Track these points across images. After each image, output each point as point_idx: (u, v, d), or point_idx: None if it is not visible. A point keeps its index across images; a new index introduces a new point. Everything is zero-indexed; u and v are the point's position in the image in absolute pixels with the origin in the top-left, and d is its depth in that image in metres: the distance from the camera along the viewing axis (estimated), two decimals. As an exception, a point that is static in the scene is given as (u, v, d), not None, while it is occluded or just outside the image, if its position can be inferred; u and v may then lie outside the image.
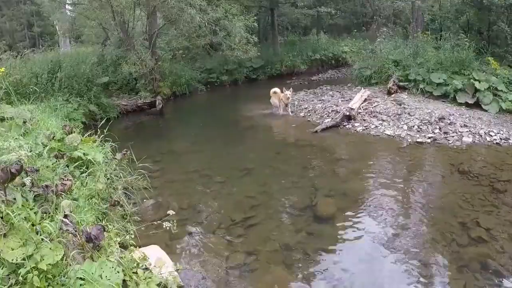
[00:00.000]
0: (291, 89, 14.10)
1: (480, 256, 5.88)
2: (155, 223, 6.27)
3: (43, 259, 3.72)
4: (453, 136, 10.88)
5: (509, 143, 10.36)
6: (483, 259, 5.80)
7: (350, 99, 13.87)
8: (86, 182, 6.27)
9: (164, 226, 5.37)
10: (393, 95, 14.24)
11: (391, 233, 6.59)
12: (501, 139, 10.56)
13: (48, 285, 3.72)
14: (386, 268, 5.79)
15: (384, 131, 11.67)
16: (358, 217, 7.13)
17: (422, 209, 7.36)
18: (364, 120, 12.67)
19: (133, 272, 4.70)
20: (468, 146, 10.39)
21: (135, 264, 4.83)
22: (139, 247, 5.50)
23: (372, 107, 13.31)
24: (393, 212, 7.26)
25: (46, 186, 4.98)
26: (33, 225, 4.07)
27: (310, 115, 14.12)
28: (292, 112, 14.43)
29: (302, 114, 14.31)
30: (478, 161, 9.46)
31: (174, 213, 5.59)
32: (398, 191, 8.02)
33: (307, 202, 7.67)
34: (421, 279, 5.48)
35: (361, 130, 12.05)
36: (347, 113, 12.66)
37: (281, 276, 5.65)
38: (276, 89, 14.42)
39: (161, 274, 4.88)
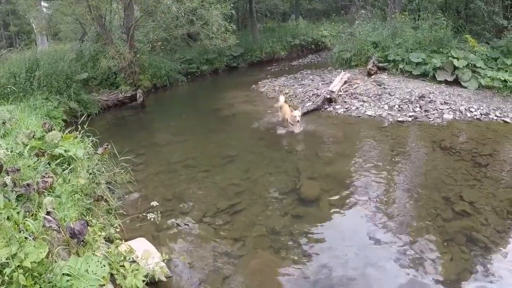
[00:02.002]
0: (299, 108, 11.21)
1: (465, 229, 5.99)
2: (140, 216, 6.29)
3: (27, 257, 3.68)
4: (433, 114, 11.01)
5: (489, 118, 10.51)
6: (468, 232, 5.91)
7: (331, 82, 13.88)
8: (69, 179, 6.20)
9: (148, 218, 5.37)
10: (373, 76, 14.30)
11: (376, 212, 6.67)
12: (481, 114, 10.71)
13: (35, 284, 3.70)
14: (373, 246, 5.85)
15: (365, 111, 11.76)
16: (343, 197, 7.17)
17: (406, 186, 7.45)
18: (345, 102, 12.73)
19: (120, 266, 4.70)
20: (449, 122, 10.53)
21: (122, 258, 4.83)
22: (126, 240, 5.49)
23: (353, 89, 13.37)
24: (377, 191, 7.33)
25: (28, 184, 4.93)
26: (16, 224, 4.03)
27: (291, 99, 14.13)
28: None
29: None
30: (459, 137, 9.60)
31: (157, 204, 5.56)
32: (381, 170, 8.08)
33: (291, 186, 7.69)
34: (409, 256, 5.55)
35: (342, 112, 12.11)
36: (328, 96, 12.71)
37: (269, 260, 5.68)
38: (281, 100, 11.63)
39: (148, 265, 4.88)
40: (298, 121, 10.41)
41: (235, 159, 9.32)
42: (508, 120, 10.29)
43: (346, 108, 12.26)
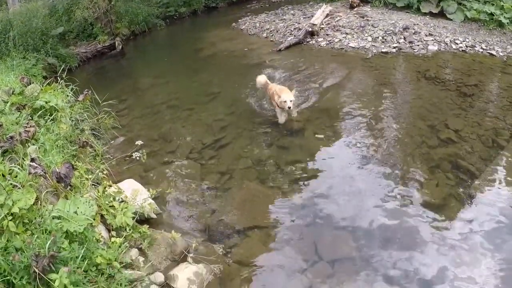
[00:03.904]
0: (294, 90, 7.54)
1: (450, 156, 6.06)
2: (127, 158, 6.30)
3: (15, 204, 3.66)
4: (418, 45, 10.89)
5: (475, 50, 10.38)
6: (453, 159, 5.99)
7: (312, 16, 13.60)
8: (52, 129, 6.13)
9: (134, 157, 5.37)
10: (355, 9, 14.04)
11: (362, 140, 6.72)
12: (467, 46, 10.58)
13: (26, 230, 3.70)
14: (359, 174, 5.93)
15: (348, 44, 11.59)
16: (328, 127, 7.21)
17: (391, 115, 7.48)
18: (327, 35, 12.50)
19: (109, 206, 4.71)
20: (434, 54, 10.41)
21: (111, 199, 4.83)
22: (115, 183, 5.47)
23: (335, 22, 13.12)
24: (362, 120, 7.34)
25: (11, 137, 4.87)
26: (3, 176, 3.99)
27: (272, 35, 13.82)
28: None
29: (264, 35, 14.01)
30: (444, 68, 9.53)
31: (142, 143, 5.56)
32: (365, 99, 8.10)
33: (276, 118, 7.61)
34: (395, 182, 5.65)
35: (325, 45, 11.94)
36: (310, 29, 12.50)
37: (256, 191, 5.77)
38: (261, 80, 8.43)
39: (137, 203, 4.90)
40: (289, 107, 7.07)
41: (218, 96, 9.26)
42: (493, 52, 10.19)
43: (328, 41, 12.08)
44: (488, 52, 10.22)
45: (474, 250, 4.48)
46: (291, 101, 6.95)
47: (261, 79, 8.29)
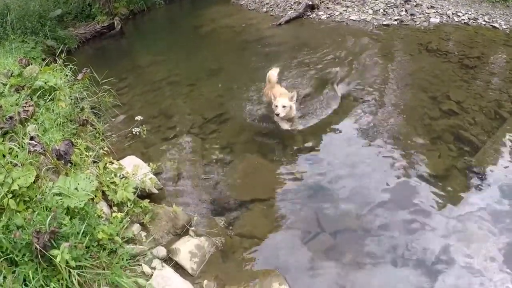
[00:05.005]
0: (294, 93, 6.23)
1: (452, 128, 6.03)
2: (127, 136, 6.29)
3: (15, 181, 3.66)
4: (420, 18, 10.76)
5: (477, 23, 10.23)
6: (455, 130, 5.96)
7: (312, -11, 13.45)
8: (52, 109, 6.11)
9: (134, 132, 5.36)
10: (356, -19, 13.81)
11: (364, 112, 6.68)
12: (469, 19, 10.43)
13: (27, 208, 3.70)
14: (362, 146, 5.92)
15: (349, 17, 11.47)
16: (330, 100, 7.12)
17: (393, 87, 7.42)
18: (328, 8, 12.37)
19: (111, 182, 4.70)
20: (436, 26, 10.28)
21: (112, 175, 4.82)
22: (117, 160, 5.46)
23: (335, -6, 12.97)
24: (363, 93, 7.30)
25: (10, 117, 4.83)
26: (3, 155, 3.99)
27: (272, 9, 13.64)
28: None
29: (264, 10, 13.84)
30: (446, 40, 9.41)
31: (142, 118, 5.54)
32: (367, 72, 8.04)
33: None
34: (397, 153, 5.64)
35: (325, 18, 11.81)
36: (310, 3, 12.35)
37: (258, 163, 5.77)
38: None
39: (137, 178, 4.90)
40: (277, 114, 6.06)
41: (218, 71, 9.20)
42: (496, 25, 10.04)
43: (329, 14, 11.96)
44: (491, 25, 10.07)
45: (476, 222, 4.48)
46: (283, 107, 6.00)
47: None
